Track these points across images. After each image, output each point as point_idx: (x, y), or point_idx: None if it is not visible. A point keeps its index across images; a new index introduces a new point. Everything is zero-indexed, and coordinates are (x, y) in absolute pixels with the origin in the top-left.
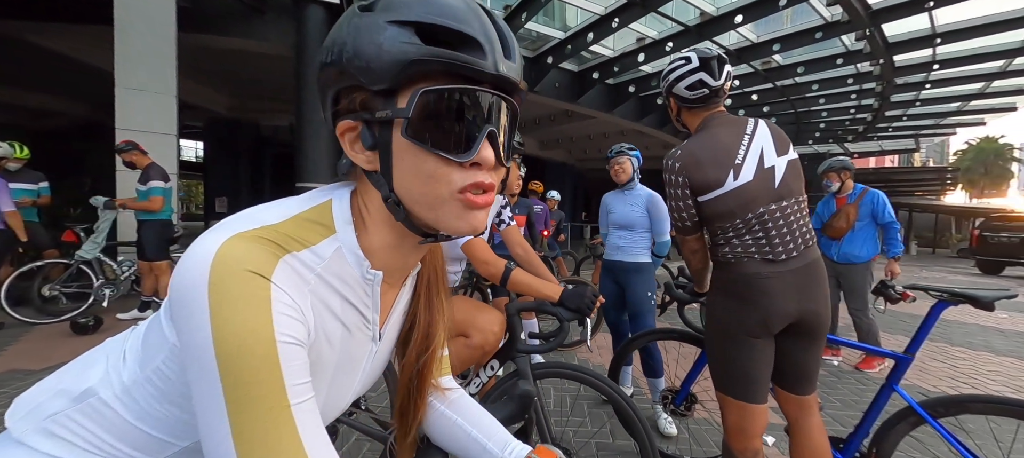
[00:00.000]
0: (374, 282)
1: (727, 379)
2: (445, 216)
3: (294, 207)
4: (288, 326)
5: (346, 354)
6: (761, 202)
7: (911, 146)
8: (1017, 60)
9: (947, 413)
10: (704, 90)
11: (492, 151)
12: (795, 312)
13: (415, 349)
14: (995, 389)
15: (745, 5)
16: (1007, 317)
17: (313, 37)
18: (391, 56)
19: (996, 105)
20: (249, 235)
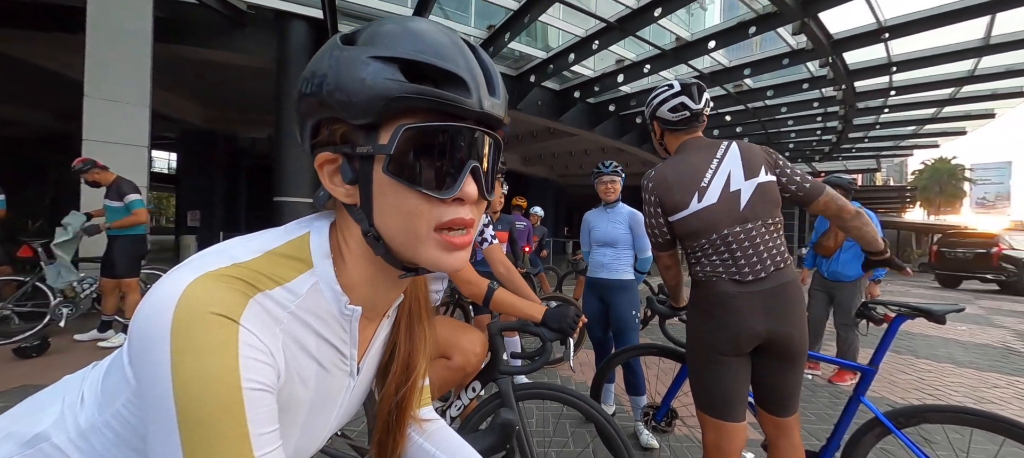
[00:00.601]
0: (352, 317)
1: (705, 397)
2: (425, 252)
3: (268, 242)
4: (256, 371)
5: (321, 392)
6: (725, 224)
7: (873, 166)
8: (965, 88)
9: (909, 423)
10: (685, 112)
11: (475, 186)
12: (763, 332)
13: (395, 381)
14: (957, 399)
15: (718, 32)
16: (966, 330)
17: (296, 51)
18: (374, 92)
19: (948, 129)
20: (218, 274)
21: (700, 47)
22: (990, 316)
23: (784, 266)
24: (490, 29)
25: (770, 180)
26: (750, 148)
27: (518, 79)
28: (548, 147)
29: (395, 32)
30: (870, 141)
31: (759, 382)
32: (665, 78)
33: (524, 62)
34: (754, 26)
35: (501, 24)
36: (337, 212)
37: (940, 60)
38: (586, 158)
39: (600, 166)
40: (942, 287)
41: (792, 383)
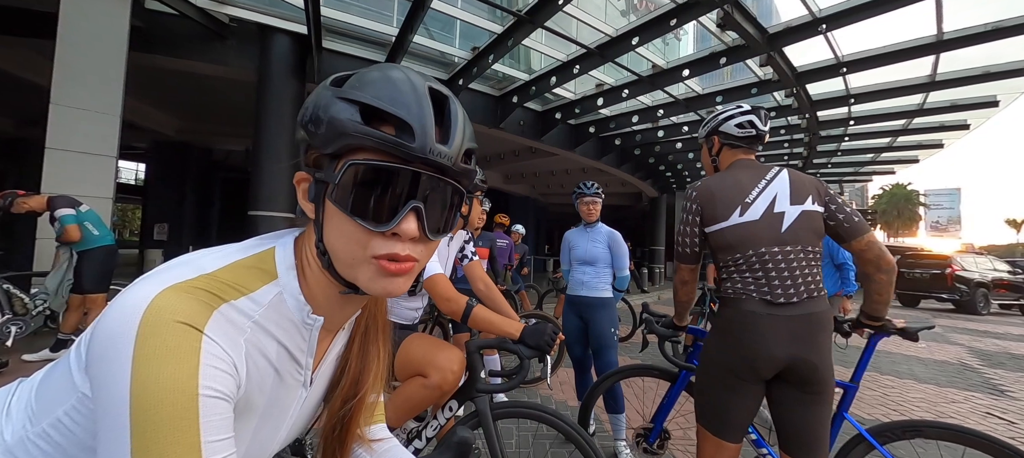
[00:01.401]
0: (313, 327)
1: (708, 412)
2: (361, 275)
3: (234, 254)
4: (215, 379)
5: (274, 401)
6: (763, 242)
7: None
8: (916, 120)
9: (892, 439)
10: (751, 131)
11: (417, 225)
12: (784, 358)
13: (341, 395)
14: (920, 414)
15: (691, 61)
16: (926, 347)
17: (278, 65)
18: (333, 128)
19: (902, 157)
20: (184, 286)
21: (675, 74)
22: (947, 334)
23: (817, 295)
24: (474, 51)
25: (816, 210)
26: (801, 176)
27: (501, 99)
28: (530, 166)
29: (370, 79)
30: (833, 166)
31: (783, 421)
32: (642, 102)
33: (507, 83)
34: (724, 57)
35: (485, 46)
36: (307, 228)
37: (893, 94)
38: (567, 177)
39: (582, 186)
40: (903, 306)
41: (817, 419)
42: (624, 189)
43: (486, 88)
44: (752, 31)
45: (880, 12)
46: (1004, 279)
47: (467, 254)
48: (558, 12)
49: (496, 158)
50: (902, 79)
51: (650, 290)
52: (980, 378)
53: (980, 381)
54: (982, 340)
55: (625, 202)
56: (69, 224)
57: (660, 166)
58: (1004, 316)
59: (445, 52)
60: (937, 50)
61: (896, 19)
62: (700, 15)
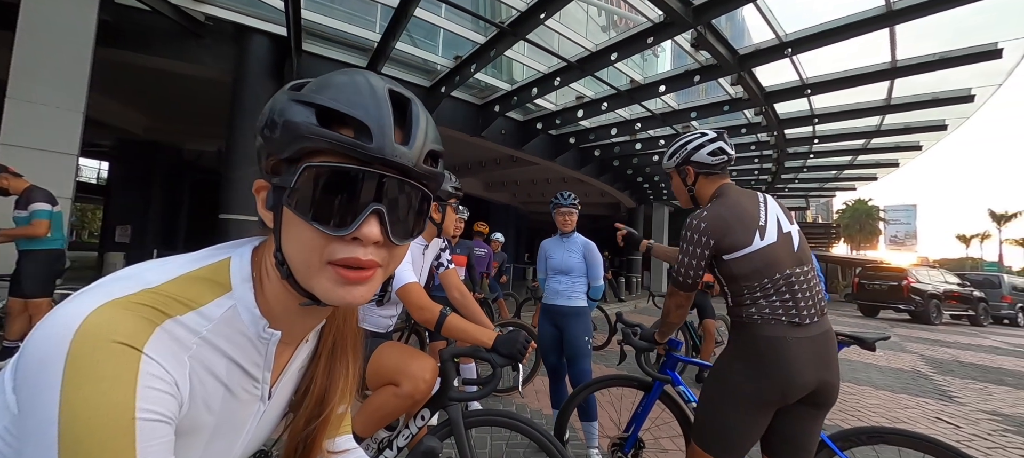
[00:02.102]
0: (270, 341)
1: (713, 436)
2: (319, 284)
3: (183, 265)
4: (154, 401)
5: (226, 416)
6: (786, 264)
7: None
8: (874, 140)
9: (853, 444)
10: (724, 157)
11: (379, 229)
12: (813, 382)
13: (305, 414)
14: (876, 420)
15: (668, 77)
16: (883, 355)
17: (255, 66)
18: (288, 131)
19: (862, 174)
20: (124, 301)
21: (652, 90)
22: (902, 343)
23: (826, 313)
24: (457, 59)
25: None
26: (777, 200)
27: (483, 108)
28: (511, 174)
29: (330, 82)
30: (800, 182)
31: (785, 432)
32: (621, 115)
33: (489, 92)
34: (698, 75)
35: (468, 56)
36: (267, 237)
37: (853, 115)
38: (548, 186)
39: (559, 197)
40: (863, 316)
41: (815, 431)
42: (603, 199)
43: (468, 96)
44: (724, 52)
45: (840, 39)
46: (954, 291)
47: (443, 262)
48: (540, 26)
49: (477, 166)
50: (861, 102)
51: (627, 299)
52: (932, 385)
53: (931, 387)
54: (934, 348)
55: (604, 212)
56: (40, 219)
57: (638, 177)
58: (954, 326)
59: (428, 60)
60: (891, 76)
61: (855, 46)
62: (675, 34)
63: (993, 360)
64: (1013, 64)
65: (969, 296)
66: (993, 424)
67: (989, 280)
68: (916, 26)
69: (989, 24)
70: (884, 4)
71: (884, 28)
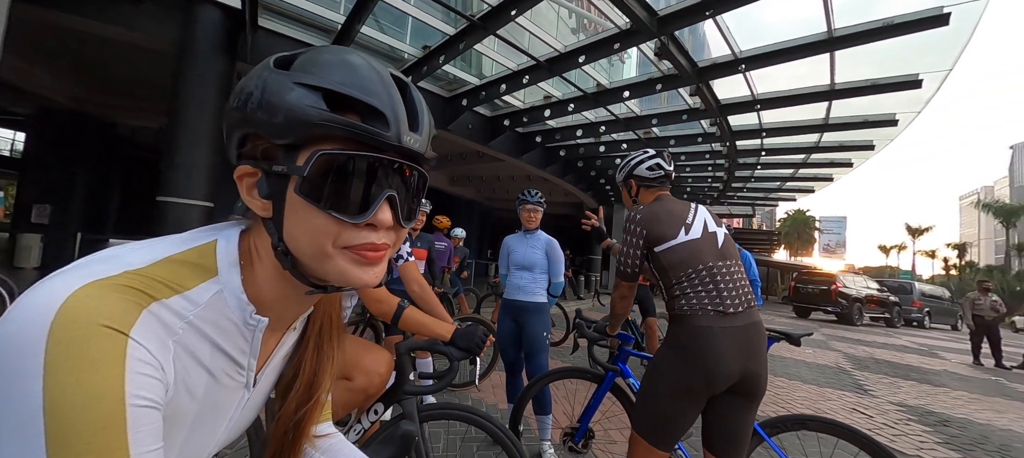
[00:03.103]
0: (257, 328)
1: (649, 424)
2: (334, 269)
3: (168, 247)
4: (143, 387)
5: (209, 403)
6: (709, 257)
7: (749, 212)
8: (813, 156)
9: (780, 431)
10: (660, 171)
11: (391, 213)
12: (738, 372)
13: (295, 399)
14: (803, 410)
15: (632, 84)
16: (811, 352)
17: (204, 38)
18: (295, 116)
19: (801, 186)
20: (108, 283)
21: (617, 94)
22: (828, 342)
23: (753, 306)
24: (425, 49)
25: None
26: (709, 209)
27: (450, 101)
28: (476, 170)
29: (328, 62)
30: (748, 191)
31: (717, 424)
32: (587, 117)
33: (457, 86)
34: (660, 83)
35: (436, 46)
36: (254, 223)
37: (796, 131)
38: (512, 184)
39: (525, 194)
40: (797, 317)
41: (748, 422)
42: (566, 199)
43: (436, 88)
44: (684, 63)
45: (788, 59)
46: (875, 296)
47: (403, 254)
48: (511, 22)
49: (443, 160)
50: (803, 119)
51: (586, 297)
52: (851, 379)
53: (851, 382)
54: (855, 347)
55: (567, 212)
56: None
57: (600, 179)
58: (873, 327)
59: (395, 47)
60: (830, 97)
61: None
62: (640, 42)
63: (902, 358)
64: (931, 93)
65: (886, 300)
66: (899, 414)
67: (903, 286)
68: (852, 53)
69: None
70: (826, 31)
71: (826, 53)
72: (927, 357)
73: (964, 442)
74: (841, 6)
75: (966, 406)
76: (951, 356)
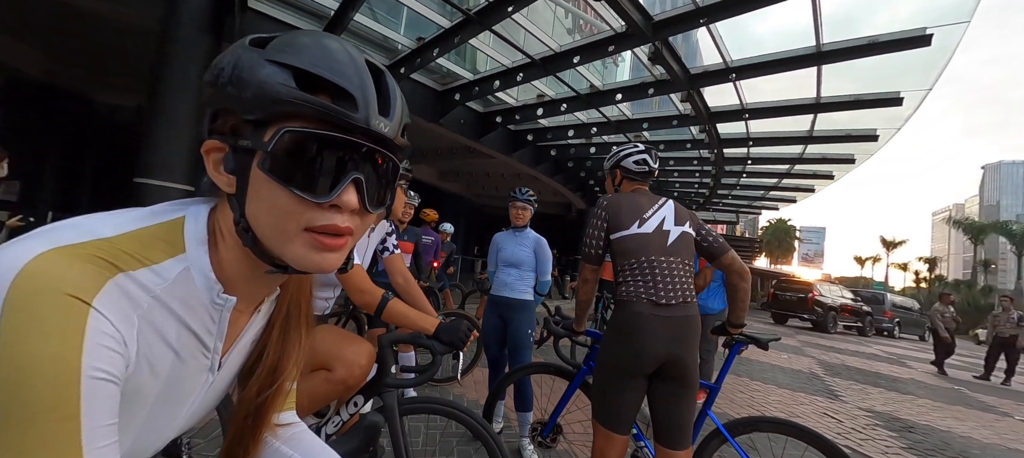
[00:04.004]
0: (224, 308)
1: (601, 408)
2: (292, 250)
3: (137, 220)
4: (102, 359)
5: (173, 384)
6: (653, 251)
7: (733, 219)
8: (796, 167)
9: (739, 432)
10: (645, 167)
11: (357, 197)
12: (664, 354)
13: (257, 383)
14: (776, 413)
15: (625, 87)
16: (787, 358)
17: (190, 17)
18: (264, 92)
19: (784, 196)
20: (73, 250)
21: (609, 96)
22: (803, 347)
23: (690, 302)
24: (419, 41)
25: (690, 232)
26: (681, 207)
27: (443, 95)
28: (466, 165)
29: (302, 44)
30: (733, 198)
31: (658, 412)
32: (579, 118)
33: (451, 79)
34: (652, 88)
35: (431, 39)
36: (220, 201)
37: (781, 141)
38: (502, 181)
39: (516, 192)
40: (775, 323)
41: (685, 411)
42: (556, 199)
43: (429, 81)
44: (677, 69)
45: (777, 71)
46: (849, 305)
47: (389, 246)
48: (507, 18)
49: (433, 154)
50: (789, 131)
51: (570, 297)
52: (823, 385)
53: (823, 387)
54: (828, 354)
55: (556, 211)
56: None
57: (590, 180)
58: (846, 335)
59: (388, 37)
60: (815, 110)
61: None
62: (635, 46)
63: (872, 365)
64: (910, 111)
65: (859, 310)
66: (867, 419)
67: (875, 297)
68: (838, 68)
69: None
70: (815, 45)
71: (813, 67)
72: (895, 365)
73: (927, 448)
74: (829, 22)
75: (930, 414)
76: (917, 365)
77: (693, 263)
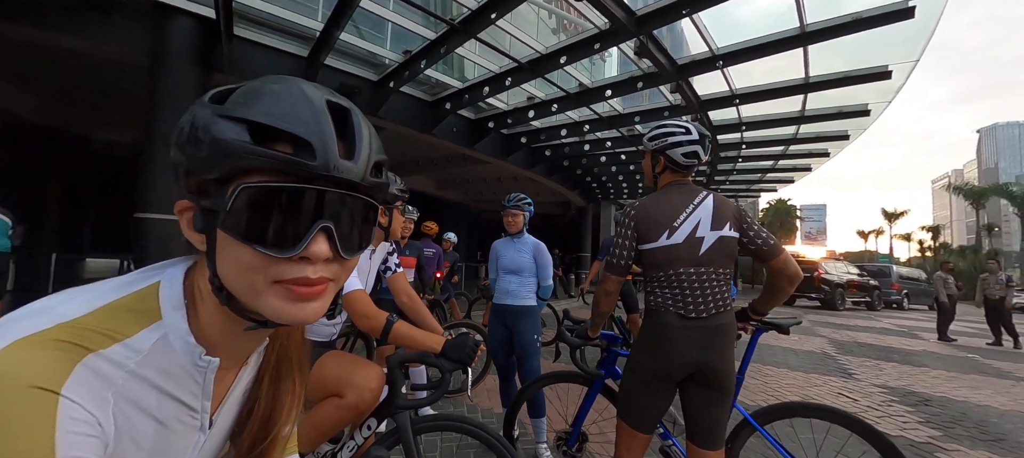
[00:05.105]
0: (207, 370)
1: (627, 408)
2: (266, 304)
3: (105, 294)
4: (76, 445)
5: (160, 451)
6: (682, 264)
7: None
8: (792, 147)
9: (768, 421)
10: (695, 161)
11: (327, 245)
12: (694, 363)
13: (249, 438)
14: (791, 397)
15: (614, 82)
16: (797, 339)
17: (177, 49)
18: (217, 149)
19: (781, 177)
20: (38, 338)
21: (599, 94)
22: (813, 328)
23: (725, 309)
24: (406, 54)
25: (732, 235)
26: (724, 202)
27: (434, 105)
28: (462, 173)
29: (258, 93)
30: (730, 184)
31: (690, 413)
32: (570, 117)
33: (440, 89)
34: (641, 82)
35: (417, 51)
36: (199, 259)
37: (774, 124)
38: (500, 185)
39: (506, 200)
40: (783, 304)
41: (718, 415)
42: (554, 198)
43: (419, 92)
44: (664, 61)
45: (764, 54)
46: (855, 280)
47: (391, 266)
48: (491, 25)
49: (428, 164)
50: (781, 113)
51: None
52: (836, 364)
53: (835, 366)
54: (839, 332)
55: (555, 211)
56: None
57: (587, 177)
58: (855, 311)
59: (375, 52)
60: (805, 91)
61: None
62: (620, 42)
63: (884, 340)
64: (900, 83)
65: (866, 284)
66: (882, 396)
67: (881, 269)
68: (825, 47)
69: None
70: (799, 26)
71: (799, 48)
72: (907, 338)
73: (944, 420)
74: (811, 2)
75: (944, 385)
76: (929, 336)
77: (730, 268)
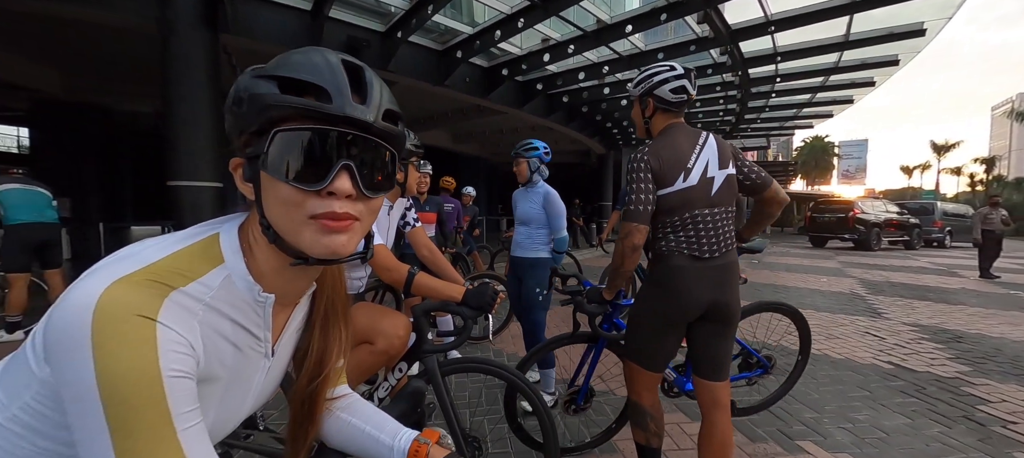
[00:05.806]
0: (265, 304)
1: (637, 351)
2: (304, 239)
3: (176, 243)
4: (175, 361)
5: (237, 372)
6: (697, 205)
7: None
8: (831, 78)
9: None
10: (684, 96)
11: (350, 183)
12: (708, 302)
13: (306, 375)
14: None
15: (635, 17)
16: (826, 281)
17: (184, 12)
18: (255, 103)
19: (820, 112)
20: (133, 278)
21: (619, 30)
22: (844, 268)
23: (731, 247)
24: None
25: (733, 173)
26: (722, 142)
27: (444, 54)
28: (478, 124)
29: (287, 59)
30: (762, 121)
31: (698, 349)
32: (588, 58)
33: (450, 37)
34: (665, 13)
35: None
36: (252, 212)
37: (813, 52)
38: (516, 136)
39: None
40: (813, 246)
41: (725, 348)
42: (573, 147)
43: (428, 42)
44: None
45: None
46: (894, 219)
47: (409, 221)
48: None
49: (442, 117)
50: (821, 39)
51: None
52: (865, 304)
53: (865, 307)
54: (871, 272)
55: (575, 160)
56: None
57: (607, 123)
58: (891, 250)
59: (381, 0)
60: (851, 11)
61: None
62: None
63: (919, 279)
64: None
65: (906, 223)
66: (912, 334)
67: (924, 207)
68: None
69: None
70: None
71: None
72: (945, 276)
73: (976, 356)
74: None
75: (981, 322)
76: (970, 273)
77: (734, 206)
